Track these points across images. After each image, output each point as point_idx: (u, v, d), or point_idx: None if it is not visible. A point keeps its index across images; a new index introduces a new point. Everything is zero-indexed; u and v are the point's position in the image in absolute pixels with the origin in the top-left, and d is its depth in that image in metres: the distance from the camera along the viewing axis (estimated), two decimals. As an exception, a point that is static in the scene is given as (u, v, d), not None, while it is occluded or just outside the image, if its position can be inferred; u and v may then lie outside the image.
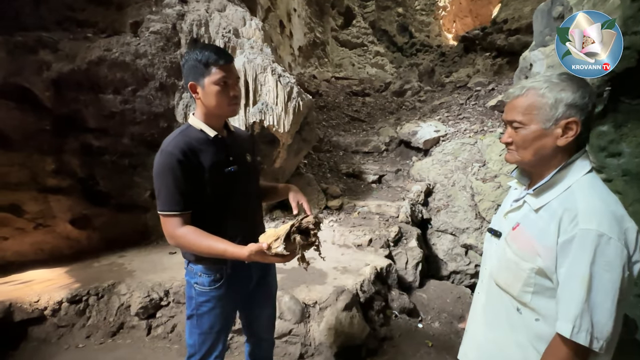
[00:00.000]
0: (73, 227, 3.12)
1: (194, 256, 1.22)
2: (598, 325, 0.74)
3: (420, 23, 14.23)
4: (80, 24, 2.99)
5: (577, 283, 0.75)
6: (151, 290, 2.40)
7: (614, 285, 0.73)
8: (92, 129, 2.87)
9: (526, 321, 0.86)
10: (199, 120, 1.21)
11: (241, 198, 1.26)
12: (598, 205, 0.78)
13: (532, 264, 0.83)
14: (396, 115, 6.60)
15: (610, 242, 0.73)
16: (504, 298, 0.91)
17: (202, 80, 1.14)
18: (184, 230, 1.12)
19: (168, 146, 1.13)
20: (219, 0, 3.15)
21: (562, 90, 0.82)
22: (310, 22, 10.77)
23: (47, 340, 2.27)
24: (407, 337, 2.43)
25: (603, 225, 0.74)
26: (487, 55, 9.27)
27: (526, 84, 0.87)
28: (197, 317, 1.25)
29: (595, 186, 0.83)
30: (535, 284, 0.83)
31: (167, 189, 1.11)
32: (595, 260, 0.74)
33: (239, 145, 1.31)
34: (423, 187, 4.01)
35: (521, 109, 0.86)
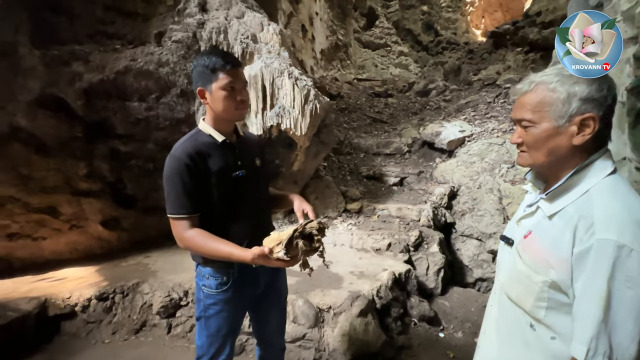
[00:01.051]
0: (103, 228, 3.30)
1: (202, 259, 1.24)
2: (619, 348, 0.65)
3: (446, 20, 13.82)
4: (109, 36, 3.17)
5: (594, 301, 0.66)
6: (171, 290, 2.48)
7: (636, 303, 0.64)
8: (119, 135, 3.03)
9: (541, 339, 0.78)
10: (208, 126, 1.23)
11: (249, 202, 1.26)
12: (619, 212, 0.69)
13: (544, 276, 0.74)
14: (420, 116, 6.42)
15: (631, 254, 0.64)
16: (517, 312, 0.83)
17: (210, 86, 1.16)
18: (191, 232, 1.13)
19: (176, 151, 1.16)
20: (237, 7, 3.22)
21: (575, 84, 0.74)
22: (332, 24, 10.78)
23: (77, 335, 2.40)
24: (427, 346, 2.32)
25: (624, 236, 0.65)
26: (519, 50, 8.82)
27: (535, 79, 0.79)
28: (205, 319, 1.26)
29: (618, 190, 0.73)
30: (549, 299, 0.75)
31: (175, 192, 1.13)
32: (615, 275, 0.65)
33: (247, 150, 1.31)
34: (447, 189, 3.85)
35: (530, 106, 0.78)
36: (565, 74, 0.76)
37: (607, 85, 0.74)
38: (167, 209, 1.15)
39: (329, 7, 10.65)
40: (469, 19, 14.02)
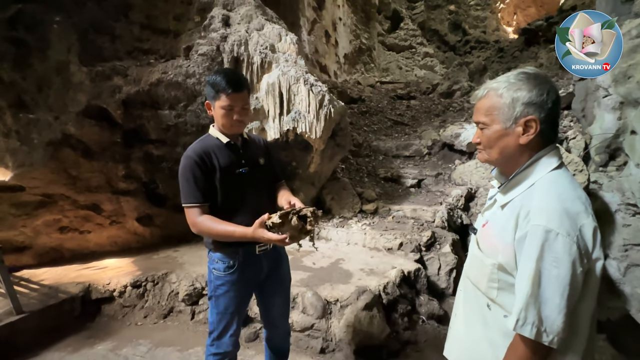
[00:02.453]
0: (139, 224, 3.66)
1: (212, 245, 1.43)
2: (547, 319, 0.73)
3: (475, 19, 13.44)
4: (145, 52, 3.53)
5: (525, 278, 0.75)
6: (195, 280, 2.72)
7: (562, 281, 0.72)
8: (153, 140, 3.36)
9: (496, 317, 0.87)
10: (216, 130, 1.43)
11: (252, 196, 1.43)
12: (551, 202, 0.77)
13: (494, 259, 0.84)
14: (441, 118, 6.36)
15: (557, 238, 0.73)
16: (477, 294, 0.92)
17: (214, 102, 1.37)
18: (202, 218, 1.33)
19: (189, 151, 1.38)
20: (257, 21, 3.46)
21: (518, 90, 0.82)
22: (356, 29, 10.90)
23: (115, 316, 2.72)
24: (433, 343, 2.37)
25: (552, 222, 0.74)
26: (552, 47, 8.41)
27: (488, 85, 0.89)
28: (215, 298, 1.45)
29: (557, 183, 0.81)
30: (499, 280, 0.84)
31: (188, 185, 1.34)
32: (543, 256, 0.73)
33: (251, 150, 1.50)
34: (464, 191, 3.83)
35: (484, 110, 0.88)
36: (512, 81, 0.85)
37: (547, 90, 0.82)
38: (182, 200, 1.35)
39: (352, 12, 10.79)
40: (499, 16, 13.53)
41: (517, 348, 0.78)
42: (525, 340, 0.76)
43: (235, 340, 1.46)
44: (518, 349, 0.78)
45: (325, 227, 3.63)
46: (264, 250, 1.46)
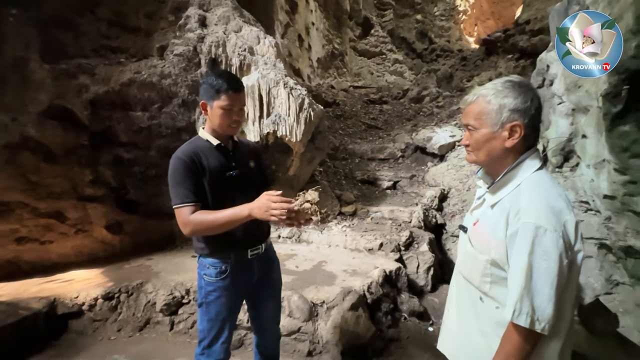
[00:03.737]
0: (107, 232, 3.44)
1: (203, 250, 1.39)
2: (539, 309, 0.80)
3: (440, 28, 14.16)
4: (114, 50, 3.35)
5: (518, 272, 0.82)
6: (174, 289, 2.61)
7: (551, 272, 0.79)
8: (123, 143, 3.19)
9: (488, 309, 0.93)
10: (207, 133, 1.40)
11: (242, 199, 1.40)
12: (538, 201, 0.84)
13: (487, 255, 0.90)
14: (413, 122, 6.62)
15: (546, 233, 0.80)
16: (470, 289, 0.98)
17: (212, 102, 1.34)
18: (195, 214, 1.28)
19: (178, 152, 1.34)
20: (235, 22, 3.42)
21: (505, 97, 0.89)
22: (329, 34, 11.06)
23: (84, 332, 2.53)
24: (415, 339, 2.45)
25: (541, 219, 0.81)
26: (510, 57, 9.06)
27: (477, 91, 0.95)
28: (206, 304, 1.40)
29: (541, 183, 0.88)
30: (492, 274, 0.90)
31: (179, 185, 1.29)
32: (534, 250, 0.80)
33: (242, 153, 1.48)
34: (437, 192, 4.01)
35: (473, 114, 0.94)
36: (499, 89, 0.92)
37: (530, 97, 0.89)
38: (173, 202, 1.30)
39: (324, 17, 10.95)
40: (462, 27, 14.36)
41: (511, 337, 0.84)
42: (519, 329, 0.82)
43: (226, 347, 1.43)
44: (512, 337, 0.84)
45: (306, 230, 3.64)
46: (256, 254, 1.44)
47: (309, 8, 9.86)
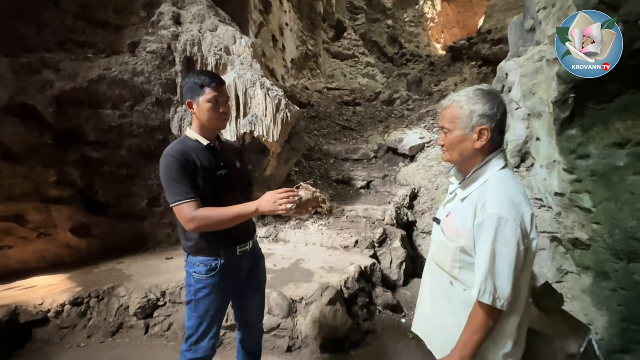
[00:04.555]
0: (73, 235, 3.28)
1: (193, 249, 1.41)
2: (500, 289, 0.92)
3: (410, 34, 14.70)
4: (81, 45, 3.20)
5: (484, 256, 0.94)
6: (149, 291, 2.55)
7: (510, 257, 0.92)
8: (92, 142, 3.06)
9: (457, 292, 1.05)
10: (195, 132, 1.43)
11: (232, 197, 1.45)
12: (501, 195, 0.97)
13: (456, 243, 1.02)
14: (385, 124, 6.85)
15: (507, 223, 0.93)
16: (441, 274, 1.10)
17: (198, 99, 1.37)
18: (201, 210, 1.30)
19: (170, 151, 1.34)
20: (211, 21, 3.39)
21: (475, 104, 1.02)
22: (303, 35, 11.13)
23: (51, 341, 2.41)
24: (390, 330, 2.58)
25: (503, 211, 0.94)
26: (474, 64, 9.60)
27: (452, 97, 1.07)
28: (195, 302, 1.42)
29: (504, 180, 1.01)
30: (461, 260, 1.02)
31: (177, 183, 1.30)
32: (497, 238, 0.93)
33: (229, 153, 1.52)
34: (408, 191, 4.21)
35: (448, 118, 1.06)
36: (471, 96, 1.04)
37: (497, 104, 1.02)
38: (172, 199, 1.30)
39: (298, 18, 11.01)
40: (430, 34, 15.01)
41: (476, 314, 0.96)
42: (484, 306, 0.94)
43: (214, 343, 1.45)
44: (477, 314, 0.96)
45: (282, 230, 3.68)
46: (244, 251, 1.48)
47: (283, 9, 9.87)
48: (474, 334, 0.95)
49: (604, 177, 2.30)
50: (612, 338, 2.37)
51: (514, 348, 0.99)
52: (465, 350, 0.95)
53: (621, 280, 2.28)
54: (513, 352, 0.99)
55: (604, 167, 2.29)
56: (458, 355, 0.96)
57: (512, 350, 0.99)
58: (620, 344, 2.29)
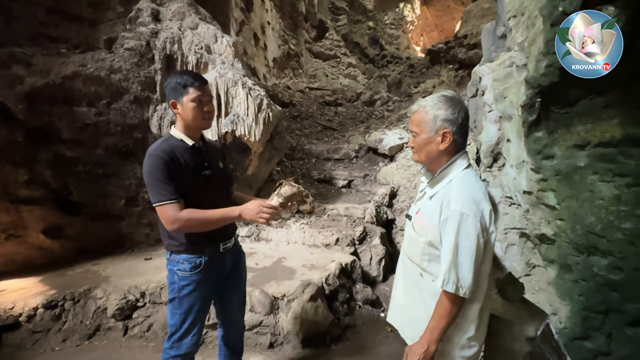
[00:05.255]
0: (45, 237, 3.16)
1: (177, 247, 1.42)
2: (462, 278, 1.01)
3: (390, 36, 14.98)
4: (53, 39, 3.09)
5: (448, 249, 1.03)
6: (127, 292, 2.51)
7: (471, 249, 1.01)
8: (65, 140, 2.96)
9: (427, 283, 1.13)
10: (179, 132, 1.44)
11: (215, 197, 1.47)
12: (463, 193, 1.06)
13: (425, 238, 1.10)
14: (366, 124, 6.97)
15: (468, 218, 1.01)
16: (412, 267, 1.18)
17: (181, 99, 1.39)
18: (185, 211, 1.32)
19: (155, 151, 1.34)
20: (191, 19, 3.36)
21: (438, 109, 1.10)
22: (284, 34, 11.11)
23: (22, 345, 2.33)
24: (369, 325, 2.67)
25: (464, 207, 1.03)
26: (451, 67, 9.91)
27: (419, 102, 1.15)
28: (179, 299, 1.43)
29: (466, 179, 1.10)
30: (429, 254, 1.10)
31: (162, 183, 1.30)
32: (459, 232, 1.02)
33: (212, 154, 1.54)
34: (388, 190, 4.33)
35: (416, 122, 1.14)
36: (435, 102, 1.12)
37: (459, 109, 1.11)
38: (156, 199, 1.31)
39: (280, 17, 10.97)
40: (409, 36, 15.35)
41: (442, 302, 1.05)
42: (448, 294, 1.03)
43: (197, 340, 1.47)
44: (443, 302, 1.04)
45: (264, 229, 3.70)
46: (227, 247, 1.51)
47: (265, 7, 9.82)
48: (440, 320, 1.03)
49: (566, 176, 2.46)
50: (574, 326, 2.55)
51: (476, 332, 1.08)
52: (432, 336, 1.03)
53: (582, 272, 2.46)
54: (476, 335, 1.08)
55: (567, 167, 2.45)
56: (426, 341, 1.04)
57: (475, 334, 1.08)
58: (581, 331, 2.48)
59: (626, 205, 2.10)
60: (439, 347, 1.05)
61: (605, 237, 2.22)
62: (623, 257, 2.13)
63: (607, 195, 2.18)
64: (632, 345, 2.23)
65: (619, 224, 2.14)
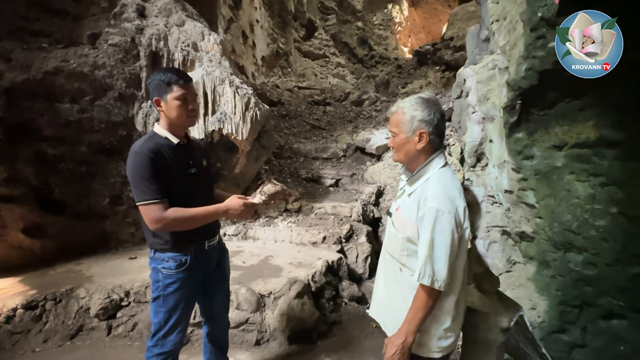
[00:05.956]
0: (25, 236, 3.08)
1: (162, 245, 1.41)
2: (437, 272, 1.06)
3: (379, 37, 15.12)
4: (34, 33, 3.02)
5: (424, 244, 1.08)
6: (111, 292, 2.49)
7: (446, 244, 1.06)
8: (47, 137, 2.90)
9: (405, 277, 1.18)
10: (164, 129, 1.43)
11: (200, 195, 1.48)
12: (439, 190, 1.11)
13: (404, 234, 1.15)
14: (354, 124, 7.03)
15: (444, 215, 1.07)
16: (392, 262, 1.22)
17: (165, 97, 1.38)
18: (170, 210, 1.32)
19: (141, 148, 1.33)
20: (177, 16, 3.33)
21: (415, 110, 1.15)
22: (273, 33, 11.07)
23: (1, 347, 2.27)
24: (355, 321, 2.72)
25: (440, 204, 1.08)
26: (437, 68, 10.08)
27: (398, 104, 1.20)
28: (164, 297, 1.43)
29: (443, 177, 1.16)
30: (407, 249, 1.15)
31: (146, 181, 1.29)
32: (435, 228, 1.06)
33: (197, 152, 1.55)
34: (374, 189, 4.39)
35: (394, 123, 1.18)
36: (412, 103, 1.16)
37: (434, 110, 1.15)
38: (140, 198, 1.30)
39: (269, 15, 10.93)
40: (398, 37, 15.53)
41: (419, 295, 1.10)
42: (424, 287, 1.08)
43: (182, 336, 1.48)
44: (419, 295, 1.09)
45: (252, 227, 3.70)
46: (212, 245, 1.52)
47: (254, 5, 9.77)
48: (417, 312, 1.08)
49: (545, 176, 2.55)
50: (551, 320, 2.66)
51: (452, 323, 1.13)
52: (410, 327, 1.08)
53: (559, 268, 2.56)
54: (452, 326, 1.14)
55: (545, 167, 2.54)
56: (404, 332, 1.08)
57: (451, 325, 1.13)
58: (558, 324, 2.59)
59: (600, 203, 2.20)
60: (417, 338, 1.10)
61: (580, 234, 2.31)
62: (597, 253, 2.23)
63: (583, 194, 2.28)
64: (605, 337, 2.33)
65: (594, 221, 2.23)
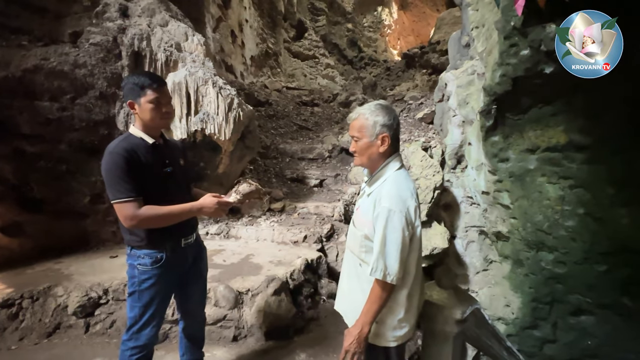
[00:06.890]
0: (3, 234, 3.06)
1: (138, 242, 1.45)
2: (389, 266, 1.15)
3: (368, 39, 15.26)
4: (13, 30, 3.00)
5: (377, 241, 1.16)
6: (90, 289, 2.50)
7: (397, 241, 1.15)
8: (26, 135, 2.89)
9: (364, 272, 1.26)
10: (139, 130, 1.47)
11: (177, 194, 1.53)
12: (393, 191, 1.20)
13: (362, 232, 1.23)
14: (340, 125, 7.12)
15: (395, 214, 1.15)
16: (353, 257, 1.31)
17: (139, 100, 1.42)
18: (144, 208, 1.35)
19: (115, 148, 1.37)
20: (161, 16, 3.35)
21: (377, 115, 1.23)
22: (263, 33, 11.08)
23: (-25, 345, 2.27)
24: (332, 317, 2.79)
25: (392, 204, 1.16)
26: (425, 72, 10.26)
27: (358, 111, 1.27)
28: (139, 292, 1.47)
29: (397, 179, 1.24)
30: (365, 246, 1.23)
31: (121, 180, 1.33)
32: (387, 225, 1.15)
33: (173, 151, 1.59)
34: (357, 189, 4.47)
35: (356, 128, 1.26)
36: (373, 109, 1.24)
37: (393, 116, 1.24)
38: (114, 196, 1.34)
39: (259, 15, 10.94)
40: (387, 40, 15.71)
41: (373, 288, 1.18)
42: (378, 281, 1.16)
43: (156, 331, 1.52)
44: (374, 288, 1.17)
45: (234, 226, 3.74)
46: (188, 243, 1.57)
47: (243, 5, 9.77)
48: (372, 305, 1.16)
49: (519, 178, 2.65)
50: (524, 316, 2.78)
51: (406, 314, 1.22)
52: (366, 319, 1.16)
53: (531, 267, 2.68)
54: (406, 317, 1.22)
55: (519, 169, 2.64)
56: (360, 323, 1.16)
57: (405, 316, 1.22)
58: (531, 320, 2.70)
59: (569, 205, 2.31)
60: (373, 328, 1.18)
61: (551, 234, 2.42)
62: (566, 252, 2.34)
63: (553, 196, 2.39)
64: (574, 332, 2.46)
65: (563, 222, 2.34)
